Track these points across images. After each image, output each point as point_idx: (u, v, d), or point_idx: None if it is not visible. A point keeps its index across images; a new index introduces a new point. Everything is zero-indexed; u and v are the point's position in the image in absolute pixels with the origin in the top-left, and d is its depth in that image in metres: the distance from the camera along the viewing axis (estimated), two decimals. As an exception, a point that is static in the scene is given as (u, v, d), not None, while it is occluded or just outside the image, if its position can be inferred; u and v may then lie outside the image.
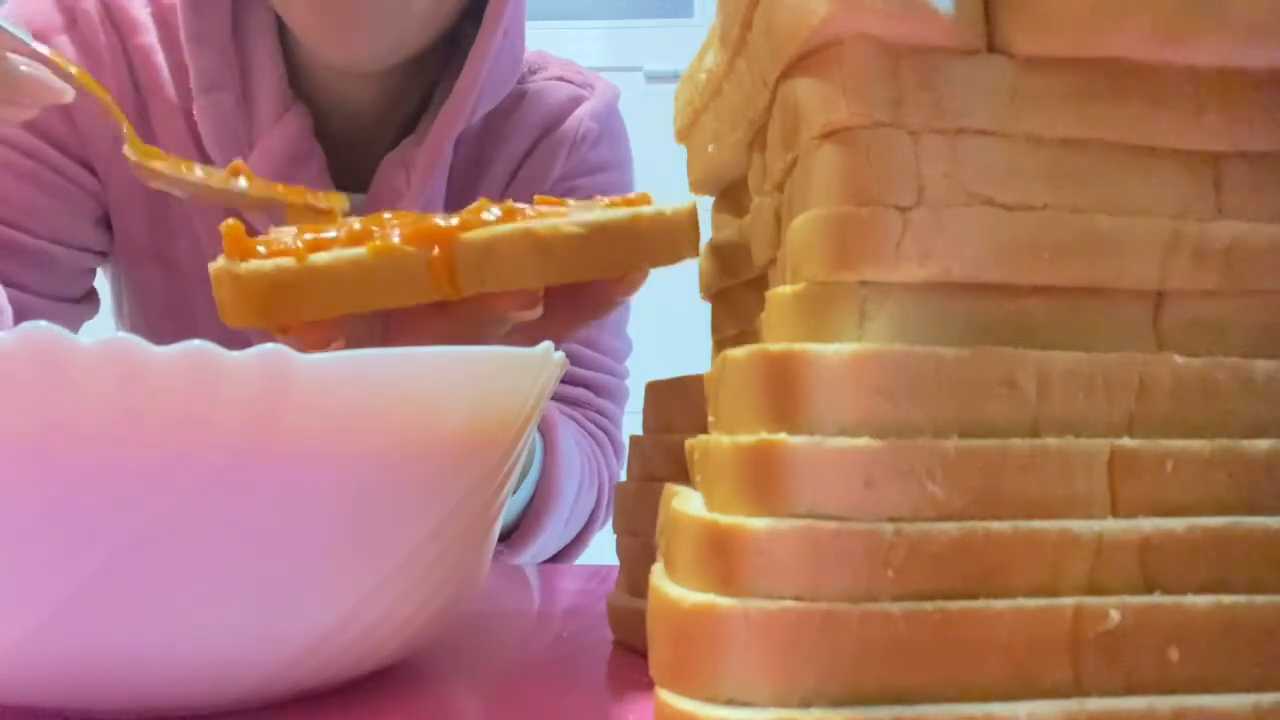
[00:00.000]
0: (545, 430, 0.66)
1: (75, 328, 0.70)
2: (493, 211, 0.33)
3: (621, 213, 0.33)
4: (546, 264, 0.32)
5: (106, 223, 0.70)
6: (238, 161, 0.44)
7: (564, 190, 0.72)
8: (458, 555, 0.33)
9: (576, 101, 0.73)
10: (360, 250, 0.31)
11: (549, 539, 0.68)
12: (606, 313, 0.41)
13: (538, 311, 0.37)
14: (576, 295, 0.39)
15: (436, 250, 0.32)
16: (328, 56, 0.61)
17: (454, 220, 0.32)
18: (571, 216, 0.33)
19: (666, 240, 0.34)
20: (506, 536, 0.66)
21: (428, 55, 0.66)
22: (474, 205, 0.34)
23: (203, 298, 0.69)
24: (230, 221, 0.32)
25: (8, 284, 0.65)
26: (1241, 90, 0.27)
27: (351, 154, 0.68)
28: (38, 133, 0.65)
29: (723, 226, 0.39)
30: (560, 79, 0.75)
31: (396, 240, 0.32)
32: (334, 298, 0.31)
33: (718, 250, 0.38)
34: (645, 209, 0.33)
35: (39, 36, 0.65)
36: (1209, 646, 0.24)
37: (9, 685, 0.29)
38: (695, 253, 0.34)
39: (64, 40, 0.65)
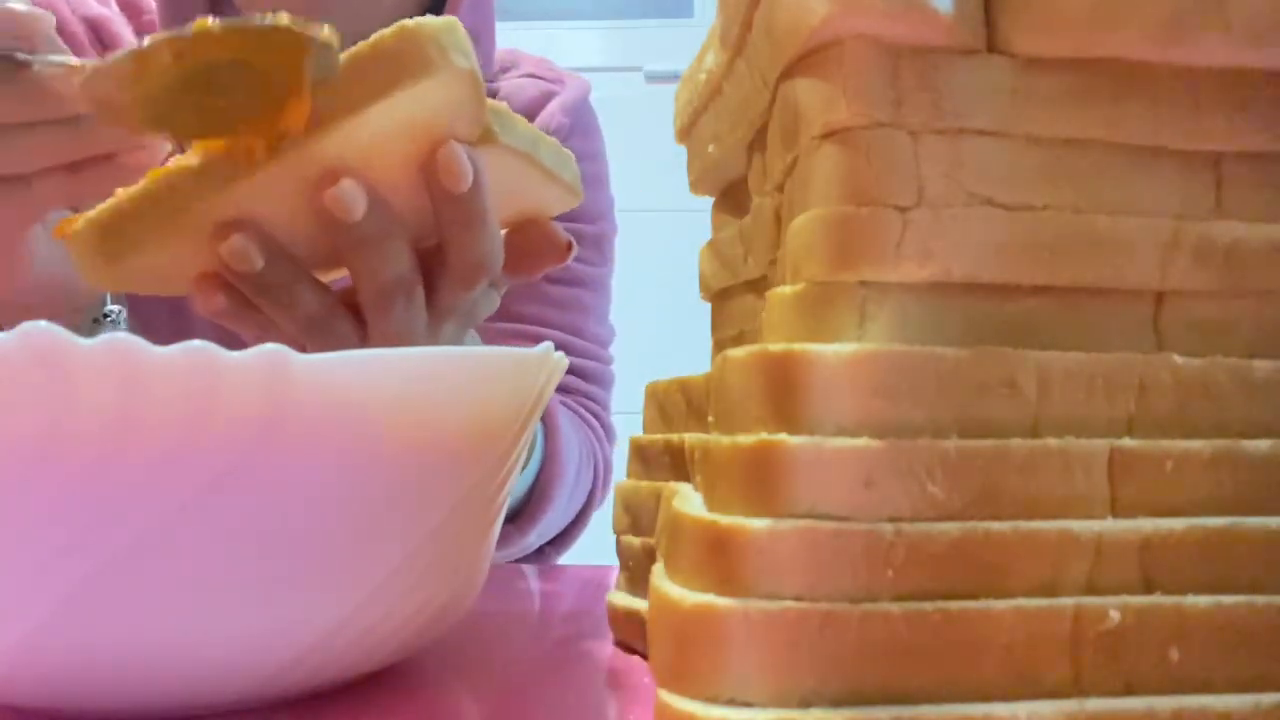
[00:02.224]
0: (544, 415, 0.68)
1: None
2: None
3: (367, 40, 0.34)
4: (324, 104, 0.33)
5: None
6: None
7: None
8: (458, 556, 0.33)
9: (548, 96, 0.75)
10: (179, 161, 0.34)
11: (554, 519, 0.70)
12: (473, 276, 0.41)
13: (360, 207, 0.36)
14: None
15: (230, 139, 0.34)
16: None
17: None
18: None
19: (416, 52, 0.34)
20: (514, 517, 0.69)
21: None
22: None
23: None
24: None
25: None
26: (1241, 90, 0.27)
27: None
28: None
29: (723, 226, 0.39)
30: (531, 75, 0.76)
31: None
32: (169, 211, 0.34)
33: (718, 250, 0.38)
34: (385, 31, 0.34)
35: None
36: (1209, 646, 0.24)
37: (9, 685, 0.29)
38: (448, 64, 0.34)
39: None
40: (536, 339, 0.71)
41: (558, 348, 0.35)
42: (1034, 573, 0.24)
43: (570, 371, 0.76)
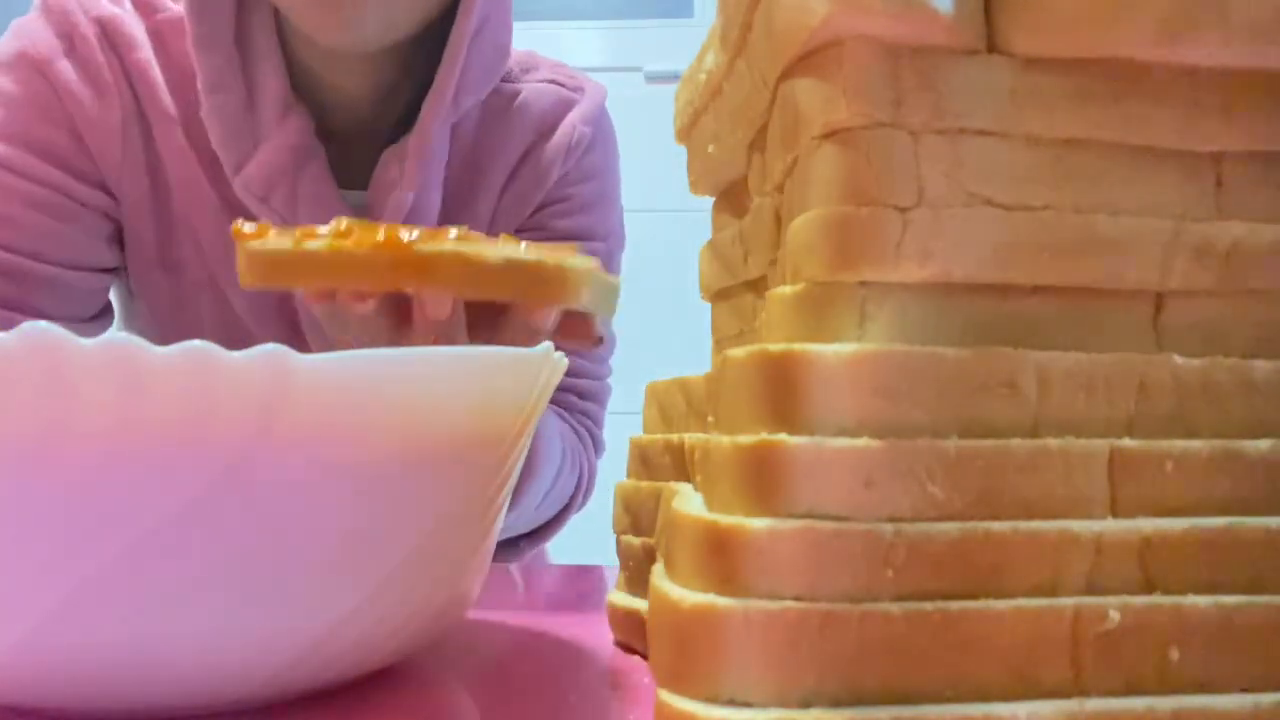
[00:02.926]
0: None
1: None
2: (452, 233, 0.41)
3: (530, 256, 0.41)
4: (470, 280, 0.41)
5: (118, 239, 0.71)
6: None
7: (559, 198, 0.75)
8: (458, 556, 0.33)
9: (568, 105, 0.76)
10: (342, 243, 0.41)
11: (524, 514, 0.72)
12: (529, 342, 0.47)
13: (445, 309, 0.45)
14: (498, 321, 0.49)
15: (394, 252, 0.41)
16: (321, 38, 0.62)
17: (415, 234, 0.41)
18: (500, 248, 0.41)
19: (562, 286, 0.41)
20: None
21: (419, 50, 0.67)
22: (441, 230, 0.43)
23: (207, 301, 0.70)
24: (238, 222, 0.43)
25: (26, 310, 0.66)
26: (1241, 90, 0.27)
27: (354, 153, 0.70)
28: (50, 159, 0.66)
29: (723, 226, 0.39)
30: (551, 81, 0.76)
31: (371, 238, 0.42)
32: (318, 275, 0.42)
33: (718, 250, 0.38)
34: (550, 259, 0.41)
35: (39, 64, 0.65)
36: (1209, 646, 0.24)
37: (9, 685, 0.29)
38: (584, 300, 0.42)
39: (65, 65, 0.66)
40: None
41: None
42: (1034, 573, 0.24)
43: (570, 390, 0.78)
